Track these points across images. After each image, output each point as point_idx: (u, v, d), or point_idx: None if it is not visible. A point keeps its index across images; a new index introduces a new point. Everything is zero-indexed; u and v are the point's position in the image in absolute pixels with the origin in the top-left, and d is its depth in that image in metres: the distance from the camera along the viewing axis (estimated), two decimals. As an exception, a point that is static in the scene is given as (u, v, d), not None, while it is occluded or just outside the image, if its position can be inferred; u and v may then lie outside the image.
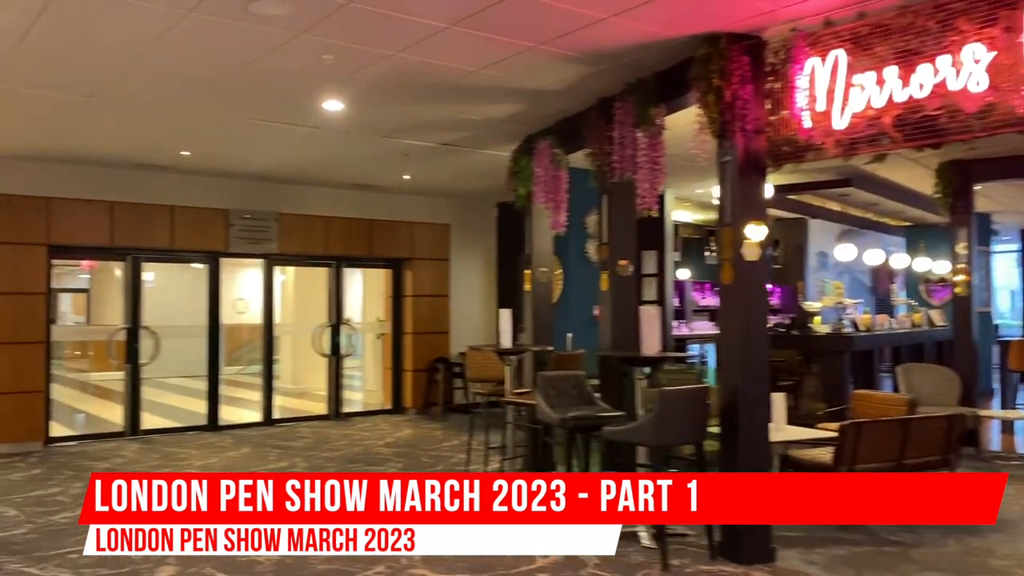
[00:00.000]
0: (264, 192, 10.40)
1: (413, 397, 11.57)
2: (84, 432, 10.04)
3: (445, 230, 11.94)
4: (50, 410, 9.19)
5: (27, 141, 8.04)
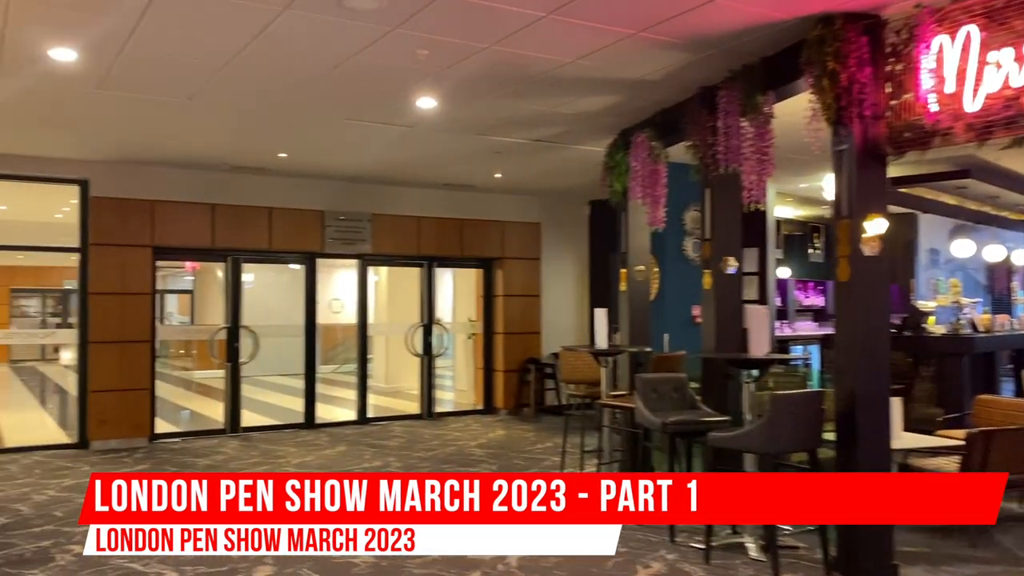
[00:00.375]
0: (358, 193, 10.48)
1: (504, 398, 11.46)
2: (187, 429, 10.32)
3: (536, 229, 11.80)
4: (155, 407, 9.47)
5: (133, 146, 8.29)
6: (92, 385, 8.91)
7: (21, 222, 11.39)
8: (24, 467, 7.84)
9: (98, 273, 8.96)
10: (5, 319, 24.09)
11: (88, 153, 8.58)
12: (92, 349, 8.92)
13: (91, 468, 7.80)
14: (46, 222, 10.68)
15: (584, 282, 12.18)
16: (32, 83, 5.88)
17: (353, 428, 10.35)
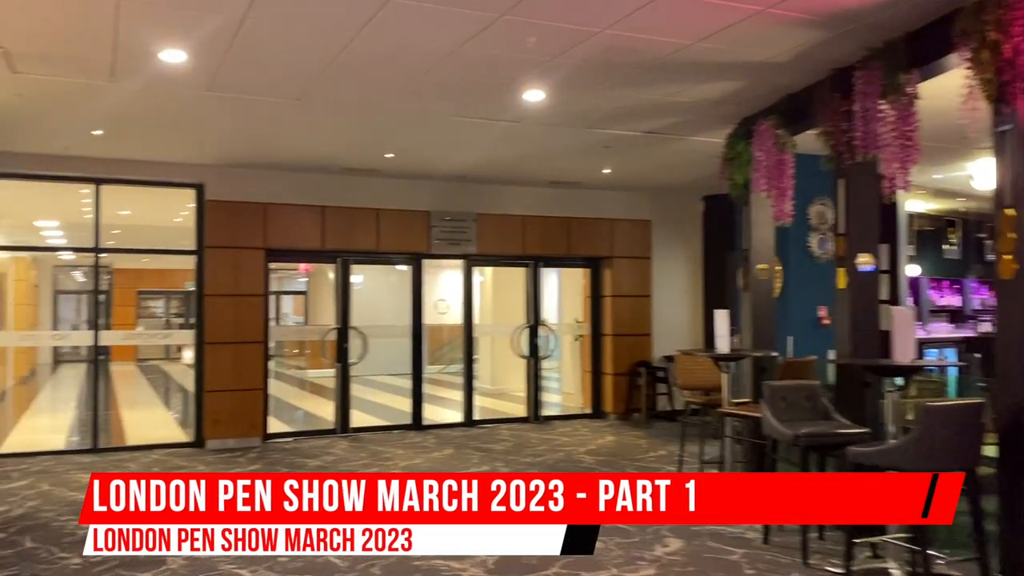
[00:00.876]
0: (463, 193, 10.34)
1: (614, 402, 11.09)
2: (299, 429, 10.42)
3: (646, 227, 11.37)
4: (268, 407, 9.59)
5: (246, 149, 8.39)
6: (208, 385, 9.08)
7: (143, 226, 11.85)
8: (143, 465, 8.03)
9: (213, 275, 9.13)
10: (132, 319, 25.39)
11: (203, 157, 8.74)
12: (208, 350, 9.09)
13: (205, 468, 7.92)
14: (166, 226, 11.04)
15: (697, 282, 11.67)
16: (146, 86, 5.95)
17: (459, 430, 10.21)
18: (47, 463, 8.13)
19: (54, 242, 13.41)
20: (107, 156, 8.56)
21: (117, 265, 24.71)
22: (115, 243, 12.94)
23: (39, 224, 12.74)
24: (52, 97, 6.24)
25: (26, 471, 7.71)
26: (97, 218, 8.92)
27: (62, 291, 25.10)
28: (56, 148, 8.11)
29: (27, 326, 19.26)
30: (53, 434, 10.49)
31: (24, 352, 17.08)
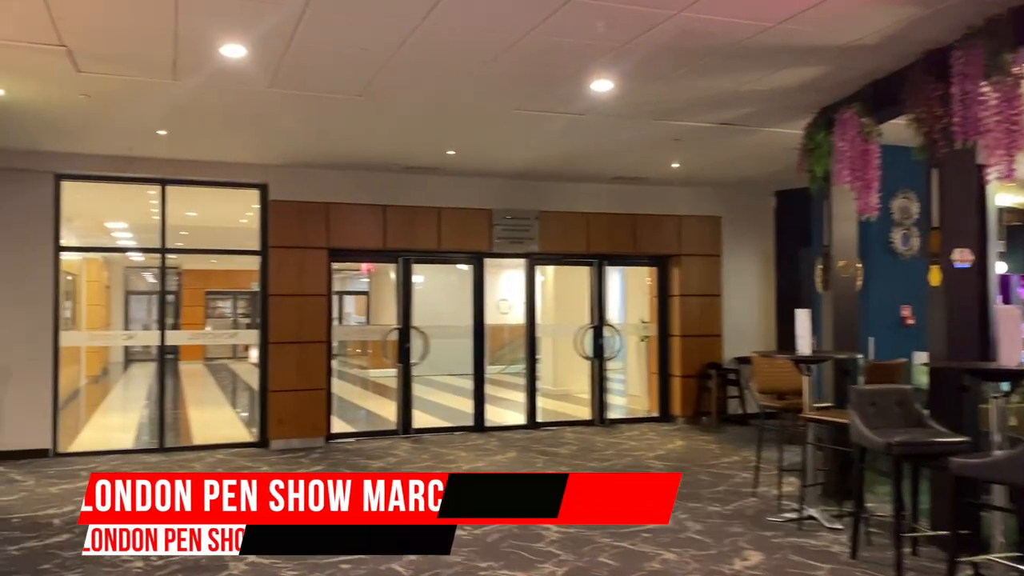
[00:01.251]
0: (525, 190, 10.13)
1: (682, 405, 10.73)
2: (361, 429, 10.34)
3: (716, 223, 10.98)
4: (331, 407, 9.52)
5: (308, 149, 8.32)
6: (272, 385, 9.06)
7: (211, 228, 11.95)
8: (207, 465, 8.03)
9: (277, 275, 9.10)
10: (201, 319, 25.91)
11: (266, 157, 8.71)
12: (272, 350, 9.07)
13: (268, 468, 7.86)
14: (233, 227, 11.09)
15: (769, 281, 11.23)
16: (208, 83, 5.89)
17: (522, 433, 10.00)
18: (114, 462, 8.20)
19: (124, 244, 13.64)
20: (172, 157, 8.60)
21: (186, 266, 25.33)
22: (183, 244, 13.18)
23: (109, 226, 12.99)
24: (116, 96, 6.24)
25: (94, 470, 7.77)
26: (163, 219, 8.98)
27: (133, 292, 25.80)
28: (121, 149, 8.16)
29: (99, 326, 19.79)
30: (121, 433, 10.66)
31: (96, 351, 17.50)
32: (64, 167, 8.47)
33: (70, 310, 15.09)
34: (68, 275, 14.66)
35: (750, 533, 5.55)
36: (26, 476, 7.48)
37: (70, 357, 14.41)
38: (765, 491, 6.74)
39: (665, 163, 9.16)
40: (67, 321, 14.59)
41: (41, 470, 7.75)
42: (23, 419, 8.30)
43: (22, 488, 6.98)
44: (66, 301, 14.73)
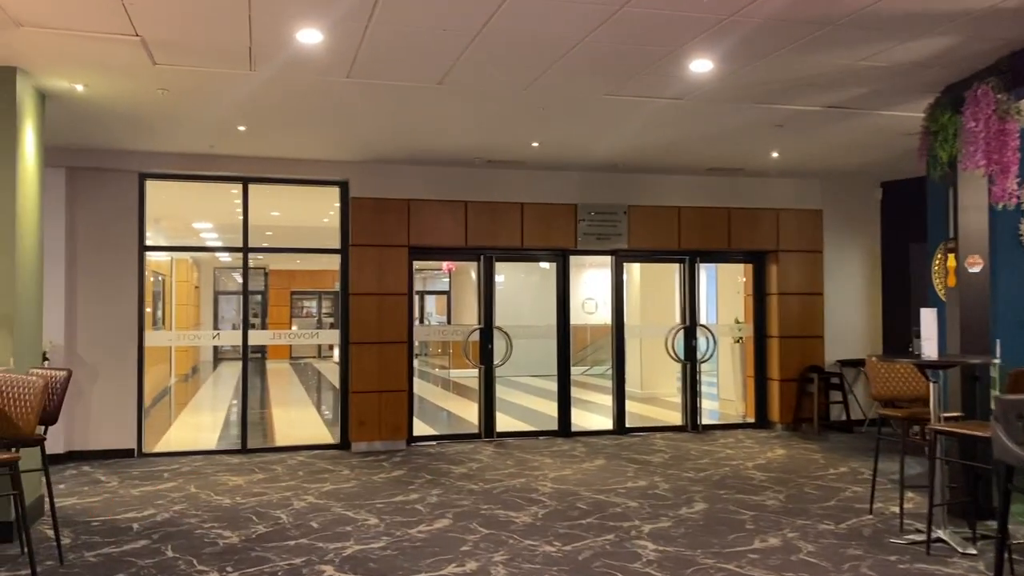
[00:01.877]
0: (613, 184, 9.68)
1: (781, 411, 10.09)
2: (443, 432, 10.06)
3: (816, 217, 10.29)
4: (412, 409, 9.28)
5: (389, 144, 8.08)
6: (353, 386, 8.86)
7: (295, 227, 11.92)
8: (289, 468, 7.86)
9: (358, 274, 8.91)
10: (287, 319, 26.32)
11: (346, 153, 8.52)
12: (353, 350, 8.88)
13: (349, 472, 7.64)
14: (317, 226, 11.01)
15: (875, 278, 10.48)
16: (284, 74, 5.67)
17: (610, 439, 9.54)
18: (197, 463, 8.12)
19: (210, 244, 13.76)
20: (253, 154, 8.49)
21: (272, 267, 25.78)
22: (268, 244, 13.21)
23: (197, 226, 13.12)
24: (195, 90, 6.09)
25: (176, 471, 7.70)
26: (245, 217, 8.89)
27: (223, 292, 26.41)
28: (202, 146, 8.09)
29: (189, 326, 20.26)
30: (206, 432, 10.65)
31: (186, 350, 17.87)
32: (148, 166, 8.46)
33: (160, 310, 15.44)
34: (158, 275, 14.99)
35: (871, 557, 4.98)
36: (110, 476, 7.45)
37: (159, 356, 14.70)
38: (882, 508, 6.13)
39: (764, 152, 8.57)
40: (157, 321, 14.93)
41: (125, 471, 7.72)
42: (109, 419, 8.32)
43: (105, 489, 6.93)
44: (156, 301, 15.12)
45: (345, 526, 5.72)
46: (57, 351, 8.02)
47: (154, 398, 12.72)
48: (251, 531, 5.60)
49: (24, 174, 5.62)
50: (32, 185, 5.81)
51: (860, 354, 10.30)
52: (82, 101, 6.24)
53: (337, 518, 5.94)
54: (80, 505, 6.37)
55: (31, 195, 5.78)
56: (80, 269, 8.30)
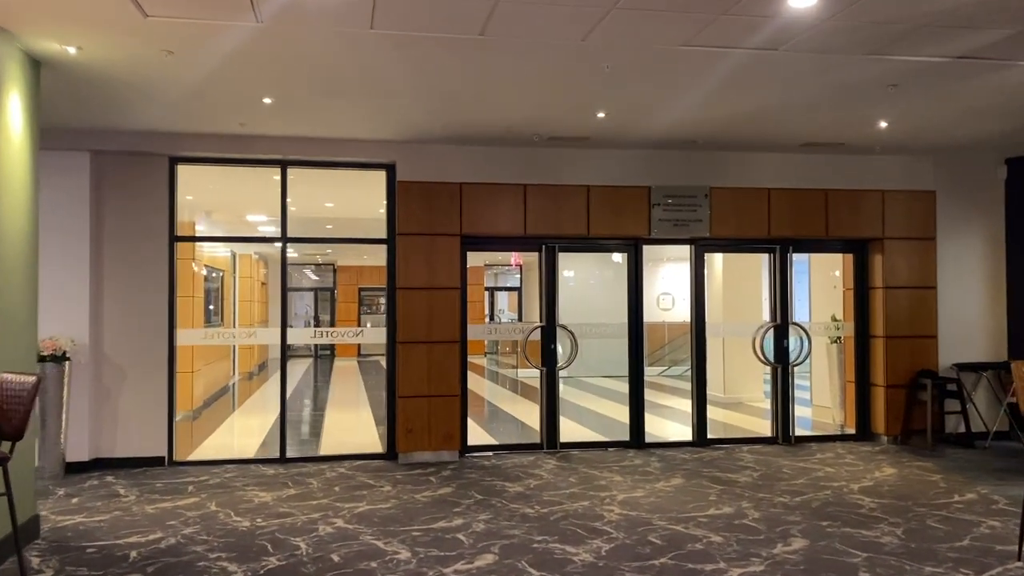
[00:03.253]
0: (692, 163, 8.57)
1: (886, 421, 8.79)
2: (502, 441, 9.10)
3: (929, 199, 8.95)
4: (467, 415, 8.37)
5: (436, 120, 7.18)
6: (400, 390, 8.01)
7: (351, 219, 11.19)
8: (326, 482, 7.05)
9: (405, 266, 8.05)
10: (355, 315, 25.86)
11: (391, 131, 7.66)
12: (400, 350, 8.02)
13: (391, 488, 6.78)
14: (374, 217, 10.18)
15: (999, 270, 9.07)
16: (298, 26, 4.79)
17: (689, 451, 8.44)
18: (229, 474, 7.39)
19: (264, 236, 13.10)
20: (290, 134, 7.72)
21: (340, 263, 25.35)
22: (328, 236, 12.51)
23: (252, 219, 12.52)
24: (203, 52, 5.28)
25: (203, 484, 6.98)
26: (284, 204, 8.14)
27: (294, 288, 26.18)
28: (232, 125, 7.34)
29: (255, 323, 19.91)
30: (250, 438, 9.96)
31: (252, 347, 17.48)
32: (178, 149, 7.77)
33: (218, 306, 15.00)
34: (214, 271, 14.54)
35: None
36: (130, 489, 6.76)
37: (221, 353, 14.25)
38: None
39: (871, 122, 7.33)
40: (212, 318, 14.47)
41: (149, 482, 7.04)
42: (137, 424, 7.68)
43: (119, 505, 6.23)
44: (212, 298, 14.67)
45: (370, 561, 4.83)
46: (81, 350, 7.41)
47: (207, 399, 12.21)
48: (260, 565, 4.76)
49: (6, 148, 4.91)
50: (18, 162, 5.09)
51: (980, 357, 8.95)
52: (80, 68, 5.51)
53: (364, 550, 5.06)
54: (84, 525, 5.67)
55: (17, 173, 5.07)
56: (107, 261, 7.67)
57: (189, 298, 11.25)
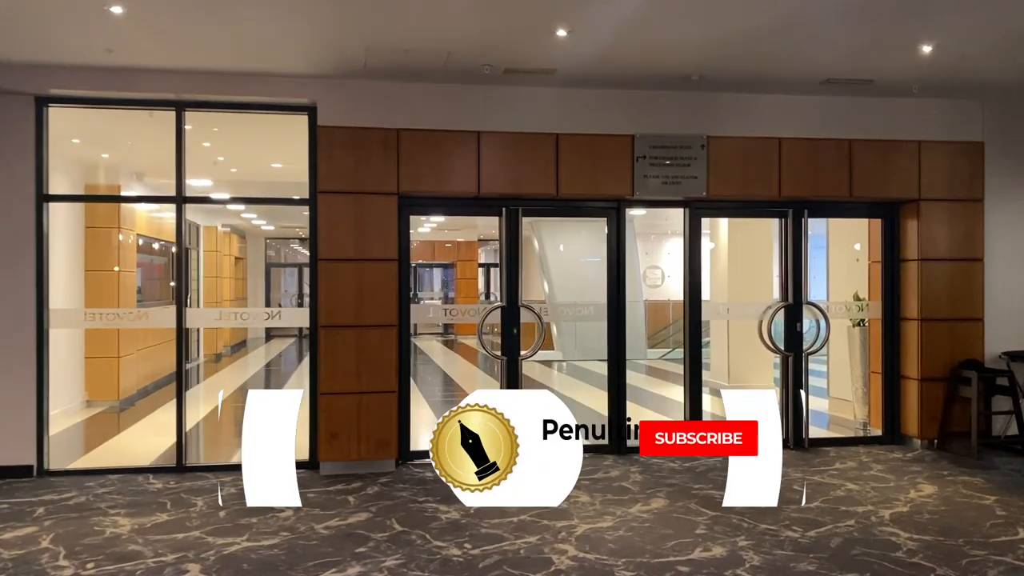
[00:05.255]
0: (685, 106, 7.01)
1: (921, 422, 7.26)
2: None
3: (975, 152, 7.36)
4: (408, 416, 6.90)
5: (363, 37, 5.65)
6: (323, 385, 6.53)
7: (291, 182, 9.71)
8: (211, 504, 5.58)
9: (328, 232, 6.55)
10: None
11: (309, 63, 6.14)
12: (323, 336, 6.54)
13: (292, 513, 5.31)
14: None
15: (1062, 237, 7.49)
16: None
17: (679, 459, 6.92)
18: (105, 489, 5.96)
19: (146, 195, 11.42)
20: (180, 66, 6.21)
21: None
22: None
23: (194, 183, 10.99)
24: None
25: (60, 505, 5.54)
26: (179, 155, 6.61)
27: (277, 264, 24.78)
28: (100, 54, 5.83)
29: (229, 301, 18.46)
30: (167, 436, 8.50)
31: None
32: (45, 86, 6.26)
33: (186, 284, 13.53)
34: (163, 243, 13.06)
35: None
36: (-41, 514, 5.34)
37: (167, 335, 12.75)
38: None
39: (910, 46, 5.73)
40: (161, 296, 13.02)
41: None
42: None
43: (-74, 539, 4.81)
44: (155, 273, 13.17)
45: (197, 645, 3.38)
46: (-80, 336, 5.97)
47: (148, 387, 10.78)
48: (33, 653, 3.31)
49: None
50: None
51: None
52: None
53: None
54: None
55: None
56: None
57: (111, 273, 9.85)
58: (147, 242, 11.93)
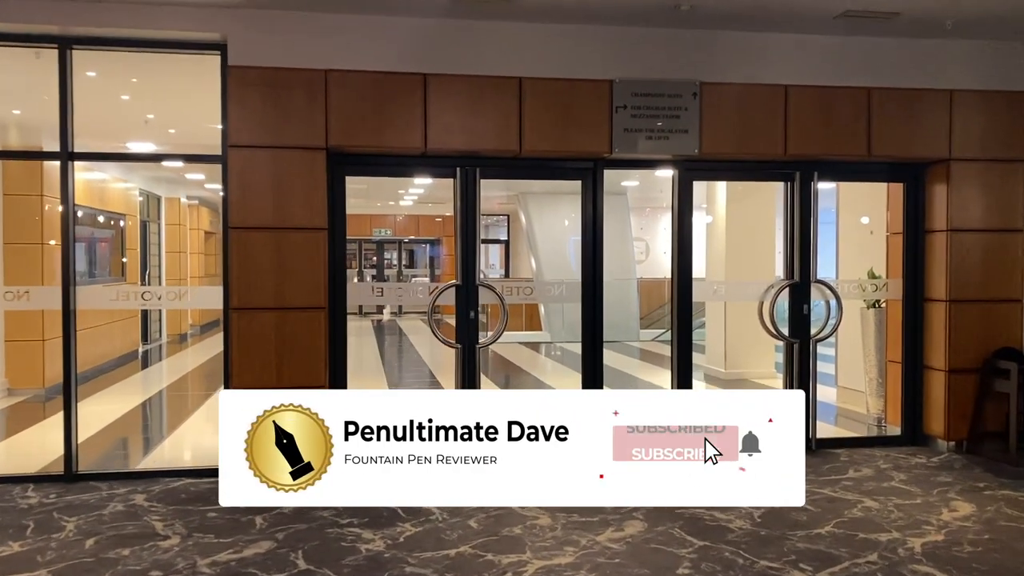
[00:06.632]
0: (673, 47, 5.90)
1: (948, 420, 6.21)
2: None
3: (1018, 104, 6.25)
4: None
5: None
6: (235, 379, 5.45)
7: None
8: (92, 524, 4.53)
9: (241, 194, 5.46)
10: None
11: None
12: (235, 319, 5.47)
13: (179, 541, 4.27)
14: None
15: (1118, 203, 6.39)
16: None
17: (666, 463, 5.86)
18: (-37, 506, 4.92)
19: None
20: (57, -8, 5.09)
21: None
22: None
23: (134, 146, 9.86)
24: None
25: None
26: (64, 102, 5.49)
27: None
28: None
29: (202, 277, 17.42)
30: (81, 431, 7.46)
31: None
32: None
33: (125, 257, 12.47)
34: (113, 215, 11.96)
35: None
36: None
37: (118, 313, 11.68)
38: None
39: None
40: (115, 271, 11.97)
41: None
42: None
43: None
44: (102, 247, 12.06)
45: None
46: None
47: (89, 372, 9.71)
48: None
49: None
50: None
51: (1085, 330, 6.31)
52: None
53: None
54: None
55: None
56: None
57: (34, 246, 8.77)
58: (90, 214, 10.84)
